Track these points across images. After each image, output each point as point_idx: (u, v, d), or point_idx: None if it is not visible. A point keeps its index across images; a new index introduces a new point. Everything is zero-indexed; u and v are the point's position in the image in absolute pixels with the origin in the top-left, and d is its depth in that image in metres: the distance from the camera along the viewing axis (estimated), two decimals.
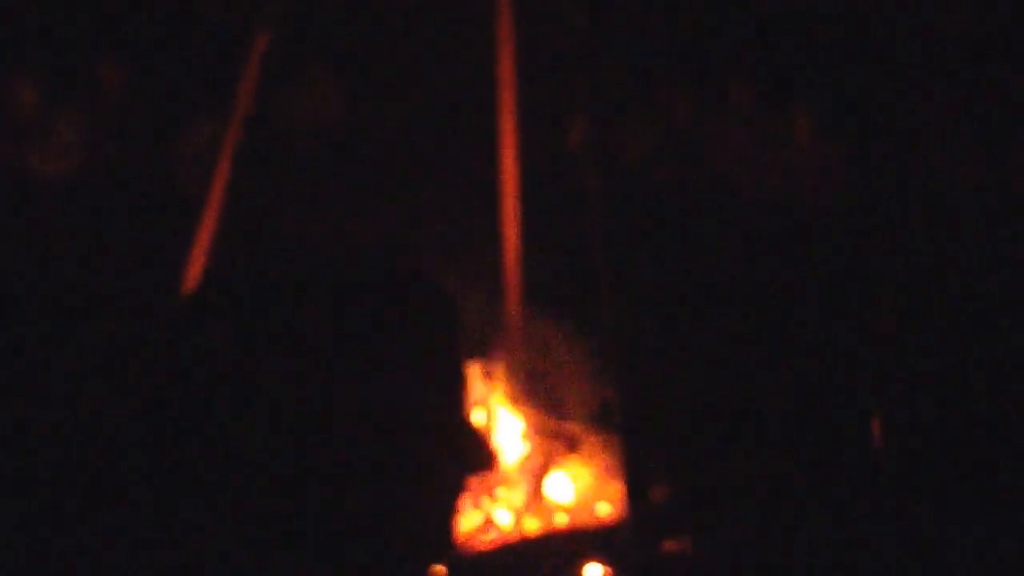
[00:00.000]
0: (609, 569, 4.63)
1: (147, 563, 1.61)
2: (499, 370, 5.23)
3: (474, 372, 5.13)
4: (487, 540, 4.75)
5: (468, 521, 4.78)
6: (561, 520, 4.90)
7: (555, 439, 5.12)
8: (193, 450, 1.60)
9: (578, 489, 4.97)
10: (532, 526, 4.83)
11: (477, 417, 5.11)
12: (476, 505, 4.85)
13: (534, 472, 4.97)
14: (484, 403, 5.12)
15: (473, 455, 1.69)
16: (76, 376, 4.82)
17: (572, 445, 5.11)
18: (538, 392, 5.27)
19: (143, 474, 1.63)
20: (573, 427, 5.16)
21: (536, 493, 4.93)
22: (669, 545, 4.66)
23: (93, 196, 6.30)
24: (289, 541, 1.59)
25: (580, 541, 4.78)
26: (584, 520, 4.88)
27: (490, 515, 4.85)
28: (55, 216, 6.19)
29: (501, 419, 5.12)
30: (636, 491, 4.69)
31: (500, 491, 4.93)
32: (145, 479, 1.63)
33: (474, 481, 4.83)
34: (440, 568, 1.66)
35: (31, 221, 6.13)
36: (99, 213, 6.18)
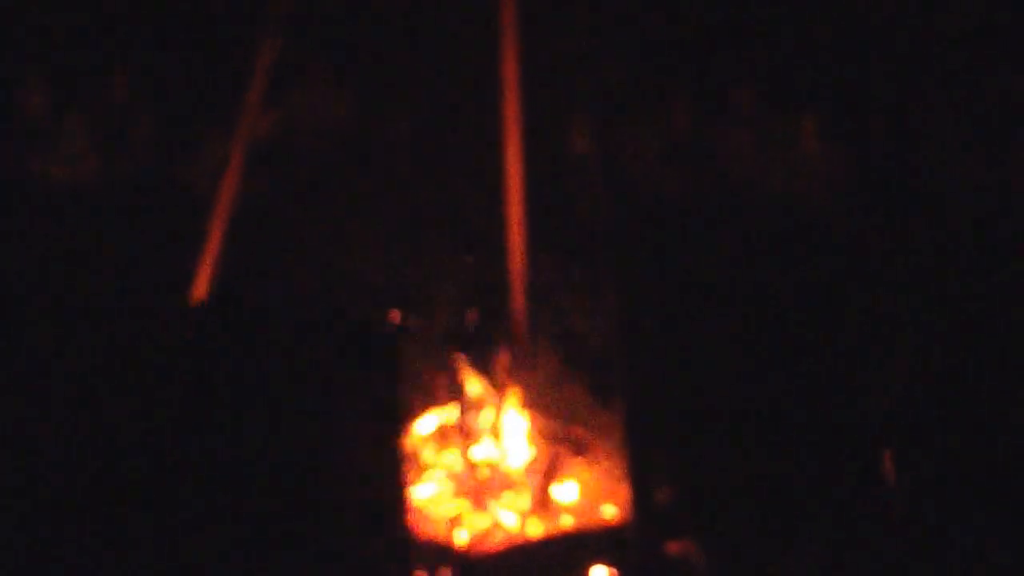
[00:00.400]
0: (615, 571, 4.63)
1: (147, 563, 1.63)
2: (505, 373, 5.22)
3: (472, 374, 5.14)
4: (494, 542, 4.74)
5: (476, 523, 4.79)
6: (567, 522, 4.89)
7: (561, 442, 5.12)
8: (193, 451, 1.63)
9: (584, 492, 4.97)
10: (538, 528, 4.82)
11: (480, 421, 5.12)
12: (483, 508, 4.85)
13: (540, 475, 4.96)
14: (490, 406, 5.12)
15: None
16: (78, 377, 4.82)
17: (578, 448, 5.11)
18: (543, 395, 5.27)
19: (143, 475, 1.65)
20: (579, 430, 5.15)
21: (542, 496, 4.93)
22: (673, 546, 4.66)
23: (100, 199, 6.33)
24: (288, 541, 1.61)
25: (586, 543, 4.77)
26: (590, 522, 4.88)
27: (497, 518, 4.84)
28: (61, 218, 6.21)
29: (508, 422, 5.12)
30: (641, 493, 4.69)
31: (507, 494, 4.93)
32: (145, 480, 1.65)
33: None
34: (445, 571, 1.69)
35: (37, 223, 6.16)
36: (103, 214, 6.20)
